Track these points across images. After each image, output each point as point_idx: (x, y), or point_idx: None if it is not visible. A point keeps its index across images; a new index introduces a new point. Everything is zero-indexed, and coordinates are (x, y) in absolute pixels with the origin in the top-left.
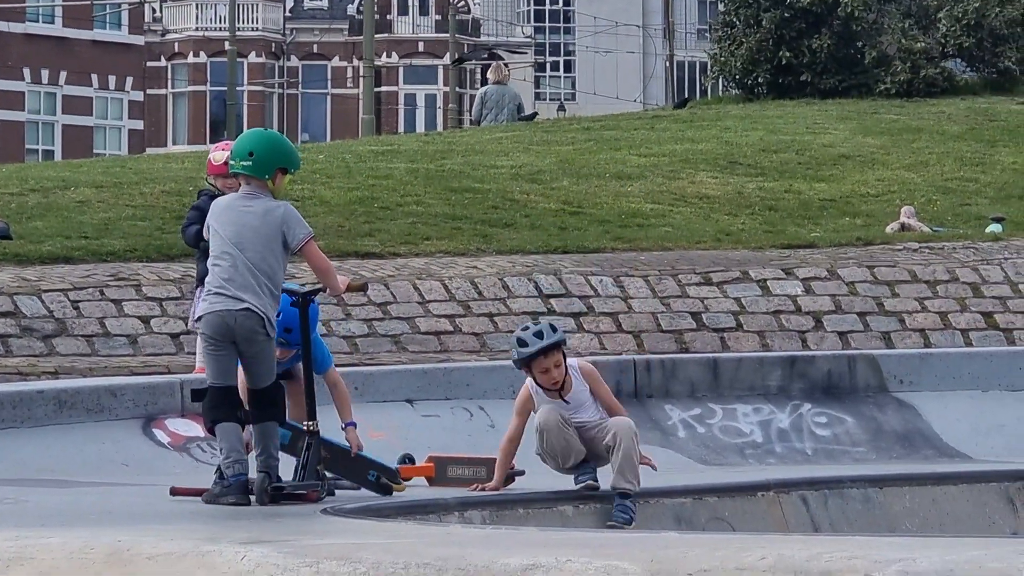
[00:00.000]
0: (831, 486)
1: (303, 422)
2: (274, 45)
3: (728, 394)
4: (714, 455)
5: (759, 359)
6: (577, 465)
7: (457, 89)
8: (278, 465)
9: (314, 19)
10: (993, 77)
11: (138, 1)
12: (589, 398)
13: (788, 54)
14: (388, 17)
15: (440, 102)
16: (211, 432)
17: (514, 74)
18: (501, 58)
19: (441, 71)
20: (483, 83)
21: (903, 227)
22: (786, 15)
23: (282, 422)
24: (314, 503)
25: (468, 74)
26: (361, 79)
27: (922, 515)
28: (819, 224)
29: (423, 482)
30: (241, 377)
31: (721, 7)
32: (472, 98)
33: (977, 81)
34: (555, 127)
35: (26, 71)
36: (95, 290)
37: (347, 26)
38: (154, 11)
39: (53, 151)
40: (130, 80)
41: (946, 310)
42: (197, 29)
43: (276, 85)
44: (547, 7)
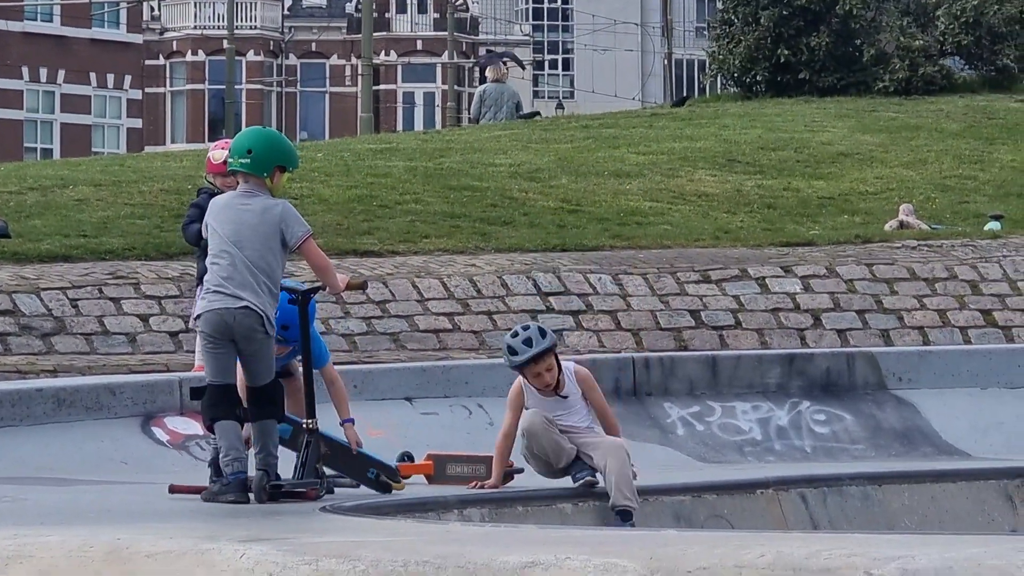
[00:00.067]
0: (830, 484)
1: (302, 420)
2: (272, 43)
3: (727, 392)
4: (713, 453)
5: (758, 357)
6: (570, 464)
7: (455, 87)
8: (277, 463)
9: (312, 17)
10: (991, 75)
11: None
12: (581, 401)
13: (786, 52)
14: (386, 15)
15: (438, 100)
16: (210, 430)
17: (512, 72)
18: (519, 60)
19: (439, 69)
20: (481, 81)
21: (902, 225)
22: (784, 13)
23: (281, 420)
24: (313, 501)
25: (466, 72)
26: (359, 77)
27: (921, 512)
28: (818, 222)
29: (422, 480)
30: (240, 375)
31: (719, 5)
32: (470, 96)
33: (975, 79)
34: (554, 125)
35: (24, 70)
36: (94, 288)
37: (345, 24)
38: (152, 9)
39: (52, 150)
40: (128, 79)
41: (945, 308)
42: (195, 28)
43: (274, 83)
44: (545, 5)
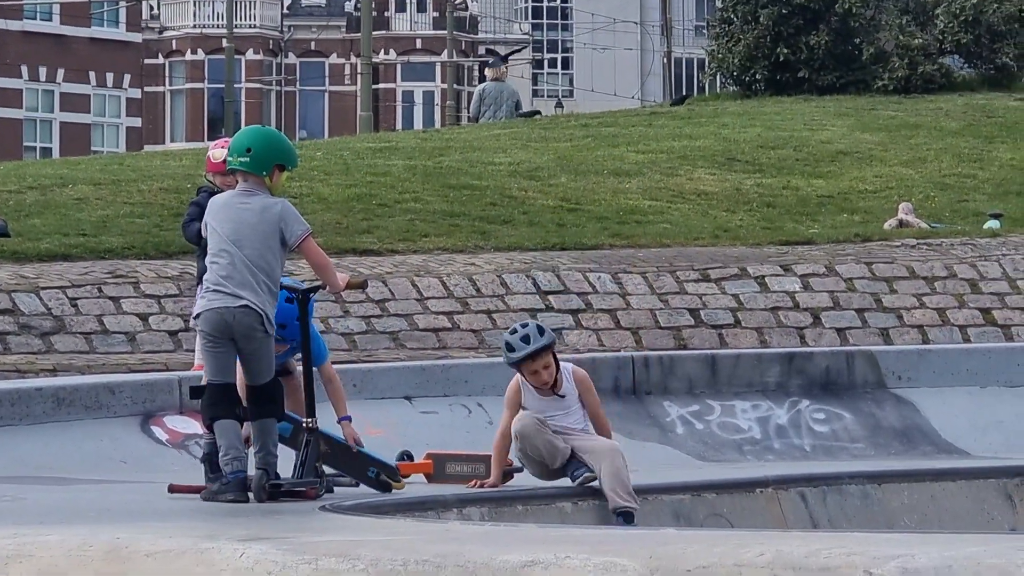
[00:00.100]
0: (829, 482)
1: (302, 418)
2: (272, 42)
3: (726, 391)
4: (712, 451)
5: (757, 355)
6: (566, 463)
7: (455, 86)
8: (276, 462)
9: (312, 16)
10: (991, 73)
11: None
12: (578, 402)
13: (786, 51)
14: (386, 14)
15: (438, 99)
16: (209, 429)
17: (512, 71)
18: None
19: (439, 68)
20: (480, 80)
21: (901, 223)
22: (784, 11)
23: (280, 419)
24: (313, 500)
25: (465, 71)
26: (359, 76)
27: (921, 511)
28: (817, 220)
29: (422, 479)
30: (239, 374)
31: (719, 3)
32: (470, 95)
33: (975, 77)
34: (553, 124)
35: (24, 68)
36: (93, 287)
37: (345, 23)
38: (152, 8)
39: (51, 148)
40: (128, 77)
41: (944, 306)
42: (195, 26)
43: (274, 82)
44: (544, 4)
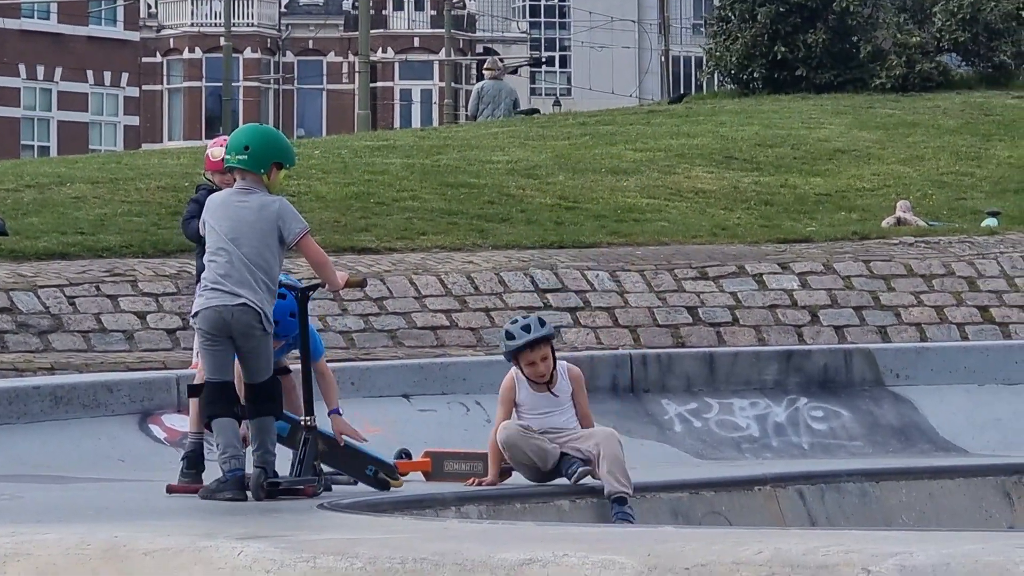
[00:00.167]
0: (828, 480)
1: (300, 417)
2: (269, 41)
3: (724, 388)
4: (710, 449)
5: (755, 353)
6: (558, 463)
7: (453, 85)
8: (274, 460)
9: (309, 15)
10: (988, 71)
11: None
12: (570, 400)
13: (783, 49)
14: (383, 13)
15: (436, 97)
16: (208, 427)
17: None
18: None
19: (437, 67)
20: (478, 79)
21: (899, 221)
22: (781, 10)
23: (279, 417)
24: (311, 498)
25: (463, 70)
26: (357, 75)
27: (919, 509)
28: (815, 218)
29: (420, 477)
30: (238, 371)
31: (716, 2)
32: (468, 93)
33: (972, 75)
34: (551, 122)
35: (22, 67)
36: (91, 286)
37: (342, 22)
38: (149, 7)
39: (49, 147)
40: (125, 76)
41: (942, 304)
42: (192, 25)
43: (271, 81)
44: (542, 2)
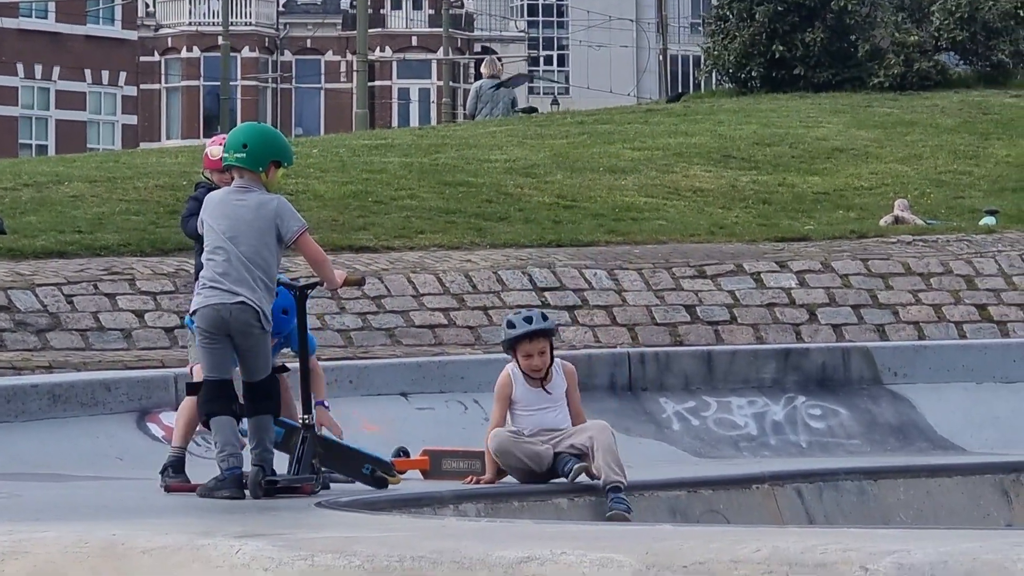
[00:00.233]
0: (826, 478)
1: (295, 422)
2: (267, 40)
3: (722, 387)
4: (708, 448)
5: (753, 352)
6: (552, 463)
7: (450, 83)
8: (273, 458)
9: (307, 14)
10: (986, 70)
11: None
12: (564, 398)
13: (781, 48)
14: (381, 12)
15: (434, 96)
16: (206, 426)
17: (508, 68)
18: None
19: (435, 65)
20: (476, 78)
21: (897, 220)
22: (779, 9)
23: (277, 415)
24: (309, 496)
25: (461, 68)
26: (354, 74)
27: (917, 507)
28: (813, 217)
29: (418, 475)
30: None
31: (714, 1)
32: (465, 92)
33: (970, 74)
34: (549, 121)
35: (19, 66)
36: (89, 284)
37: (340, 21)
38: (147, 6)
39: (46, 146)
40: (123, 75)
41: (940, 302)
42: (190, 24)
43: (269, 80)
44: (540, 1)
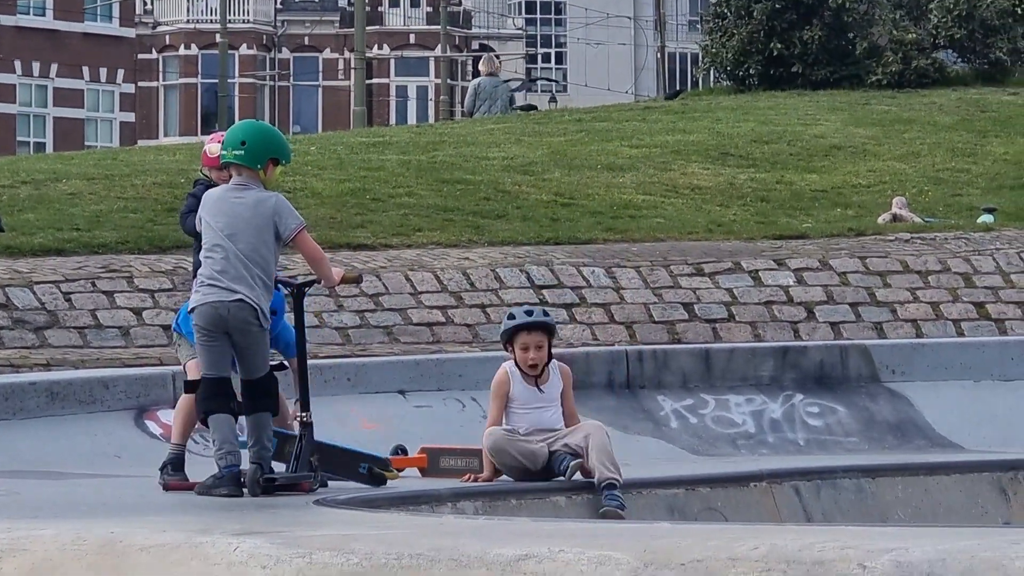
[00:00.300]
0: (824, 476)
1: (297, 414)
2: (265, 37)
3: (720, 385)
4: (706, 445)
5: (751, 350)
6: (548, 461)
7: (448, 81)
8: (271, 456)
9: (305, 11)
10: (984, 68)
11: None
12: (558, 398)
13: (779, 45)
14: (379, 9)
15: (431, 94)
16: (204, 423)
17: (505, 65)
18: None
19: (432, 63)
20: (474, 75)
21: (895, 218)
22: (777, 6)
23: (275, 413)
24: (306, 494)
25: (459, 66)
26: (352, 71)
27: (915, 505)
28: (811, 215)
29: (416, 473)
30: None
31: None
32: (463, 90)
33: (968, 72)
34: (547, 118)
35: (17, 64)
36: (87, 282)
37: (338, 18)
38: (145, 3)
39: (44, 143)
40: (121, 72)
41: (938, 300)
42: (188, 21)
43: (267, 77)
44: None
